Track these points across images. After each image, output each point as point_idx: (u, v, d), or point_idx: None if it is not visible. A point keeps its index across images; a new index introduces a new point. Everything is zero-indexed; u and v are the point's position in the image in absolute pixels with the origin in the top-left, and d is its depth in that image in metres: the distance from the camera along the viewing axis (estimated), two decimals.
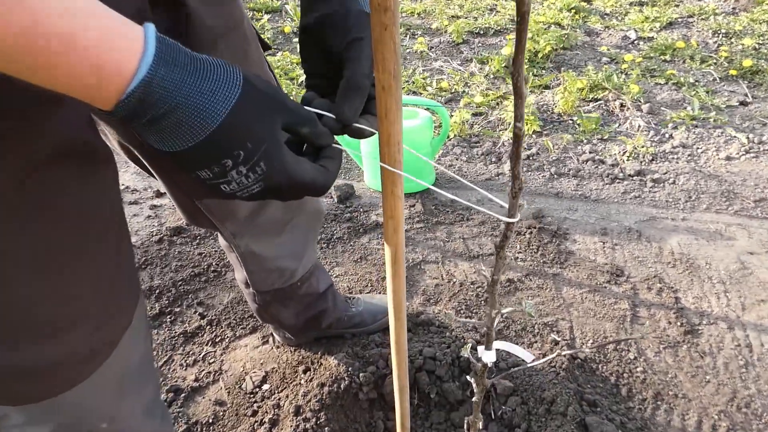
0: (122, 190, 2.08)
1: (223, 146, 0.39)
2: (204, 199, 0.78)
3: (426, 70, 2.87)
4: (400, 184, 0.51)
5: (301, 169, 0.44)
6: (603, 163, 2.05)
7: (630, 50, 2.95)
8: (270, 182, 0.43)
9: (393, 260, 0.57)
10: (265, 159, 0.41)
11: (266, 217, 0.86)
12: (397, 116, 0.47)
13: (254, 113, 0.41)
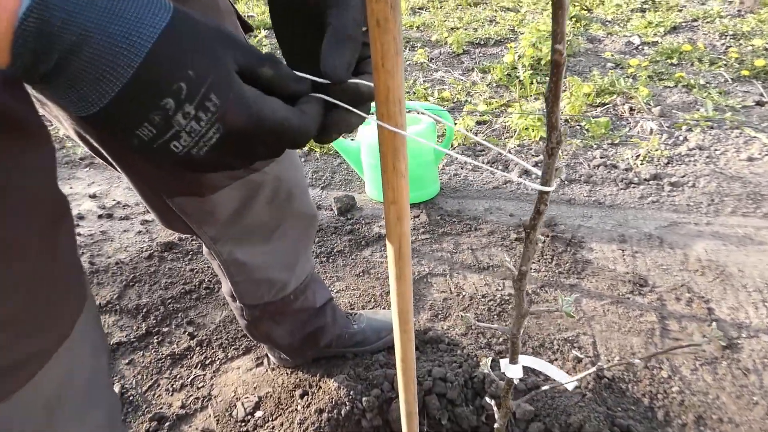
0: (113, 206, 1.99)
1: (158, 80, 0.31)
2: (176, 198, 0.68)
3: (427, 80, 2.80)
4: (403, 156, 0.41)
5: (269, 105, 0.35)
6: (615, 167, 1.95)
7: (635, 55, 2.88)
8: (230, 122, 0.33)
9: (397, 257, 0.46)
10: (216, 90, 0.32)
11: (251, 221, 0.76)
12: (397, 64, 0.37)
13: (193, 42, 0.32)
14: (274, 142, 0.36)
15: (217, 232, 0.75)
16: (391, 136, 0.40)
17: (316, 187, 1.97)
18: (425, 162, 1.71)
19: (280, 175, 0.75)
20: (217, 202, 0.70)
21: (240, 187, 0.71)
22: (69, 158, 2.37)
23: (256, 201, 0.74)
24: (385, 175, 0.42)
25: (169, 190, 0.68)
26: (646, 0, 3.58)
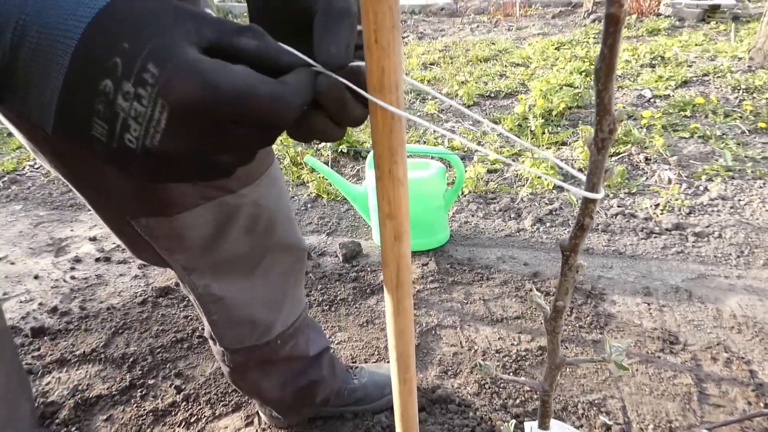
0: (112, 249, 1.93)
1: (94, 60, 0.27)
2: (141, 218, 0.61)
3: (437, 131, 2.79)
4: (401, 158, 0.34)
5: (227, 71, 0.28)
6: (634, 217, 1.86)
7: (647, 107, 2.85)
8: (174, 94, 0.27)
9: (395, 284, 0.38)
10: (154, 58, 0.27)
11: (228, 250, 0.68)
12: (393, 39, 0.30)
13: (137, 16, 0.28)
14: (247, 119, 0.29)
15: (190, 261, 0.67)
16: (387, 133, 0.33)
17: (322, 233, 1.90)
18: (434, 207, 1.64)
19: (260, 200, 0.68)
20: (187, 224, 0.63)
21: (213, 209, 0.64)
22: (73, 201, 2.35)
23: (232, 227, 0.66)
24: (380, 183, 0.35)
25: (133, 210, 0.61)
26: (655, 56, 3.61)
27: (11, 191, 2.50)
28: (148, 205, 0.61)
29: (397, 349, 0.41)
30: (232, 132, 0.30)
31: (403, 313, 0.39)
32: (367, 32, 0.30)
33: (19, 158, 2.83)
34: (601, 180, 0.30)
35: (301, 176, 2.31)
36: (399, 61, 0.31)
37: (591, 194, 0.31)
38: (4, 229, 2.15)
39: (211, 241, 0.67)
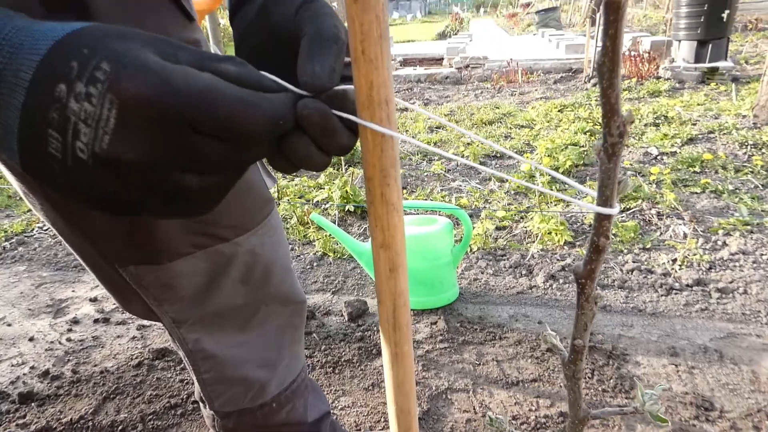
0: (112, 310, 1.88)
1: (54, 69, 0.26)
2: (130, 266, 0.57)
3: (444, 189, 2.79)
4: (394, 180, 0.30)
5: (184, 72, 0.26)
6: (651, 272, 1.79)
7: (654, 164, 2.85)
8: (123, 87, 0.25)
9: (392, 326, 0.33)
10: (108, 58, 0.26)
11: (221, 302, 0.63)
12: (382, 52, 0.27)
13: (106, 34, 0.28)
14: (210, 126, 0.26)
15: (181, 313, 0.62)
16: (378, 154, 0.30)
17: (327, 291, 1.84)
18: (442, 264, 1.59)
19: (256, 249, 0.64)
20: (177, 273, 0.58)
21: (206, 258, 0.60)
22: (78, 262, 2.32)
23: (226, 277, 0.62)
24: (372, 209, 0.31)
25: (122, 257, 0.57)
26: (658, 116, 3.66)
27: (17, 252, 2.49)
28: (138, 252, 0.58)
29: (397, 404, 0.35)
30: (193, 142, 0.27)
31: (403, 361, 0.34)
32: (353, 44, 0.28)
33: (29, 220, 2.86)
34: (615, 193, 0.27)
35: (307, 235, 2.28)
36: (388, 74, 0.29)
37: (605, 210, 0.27)
38: (5, 290, 2.12)
39: (203, 292, 0.63)
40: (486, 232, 2.12)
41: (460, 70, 6.28)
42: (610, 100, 0.25)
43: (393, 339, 0.33)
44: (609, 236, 0.29)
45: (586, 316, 0.32)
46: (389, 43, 0.29)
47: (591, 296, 0.31)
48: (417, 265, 1.55)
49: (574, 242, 2.05)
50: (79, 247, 0.60)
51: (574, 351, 0.33)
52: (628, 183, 0.28)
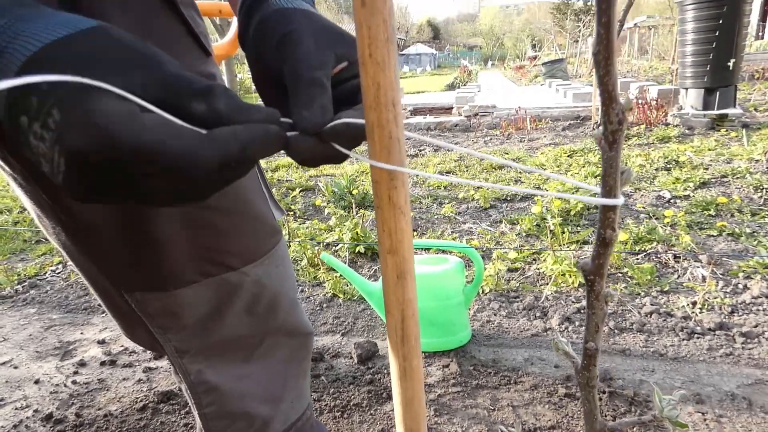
0: (119, 352, 1.85)
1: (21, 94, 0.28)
2: (137, 293, 0.57)
3: (455, 231, 2.78)
4: (402, 184, 0.30)
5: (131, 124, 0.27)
6: (671, 316, 1.73)
7: (668, 207, 2.82)
8: (67, 143, 0.27)
9: (401, 338, 0.32)
10: (60, 105, 0.27)
11: (225, 332, 0.62)
12: (389, 54, 0.28)
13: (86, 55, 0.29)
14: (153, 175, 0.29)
15: (184, 343, 0.60)
16: (385, 155, 0.30)
17: (337, 333, 1.81)
18: (454, 304, 1.56)
19: (263, 279, 0.63)
20: (183, 301, 0.58)
21: (212, 286, 0.59)
22: (88, 304, 2.32)
23: (231, 307, 0.61)
24: (380, 212, 0.31)
25: (129, 283, 0.57)
26: (669, 160, 3.67)
27: (29, 295, 2.50)
28: (145, 278, 0.57)
29: (405, 424, 0.34)
30: (139, 183, 0.29)
31: (411, 376, 0.32)
32: (361, 47, 0.28)
33: (42, 264, 2.89)
34: (618, 181, 0.26)
35: (317, 276, 2.27)
36: (395, 77, 0.29)
37: (609, 201, 0.26)
38: (14, 333, 2.11)
39: (207, 321, 0.62)
40: (498, 274, 2.08)
41: (469, 118, 6.42)
42: (608, 87, 0.25)
43: (401, 352, 0.32)
44: (615, 228, 0.28)
45: (597, 316, 0.30)
46: (396, 47, 0.29)
47: (601, 294, 0.30)
48: (428, 304, 1.52)
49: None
50: (88, 271, 0.60)
51: (587, 356, 0.31)
52: (631, 173, 0.27)
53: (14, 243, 3.27)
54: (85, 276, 0.61)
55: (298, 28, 0.39)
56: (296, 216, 3.24)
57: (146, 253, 0.56)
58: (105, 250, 0.56)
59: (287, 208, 3.34)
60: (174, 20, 0.55)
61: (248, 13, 0.45)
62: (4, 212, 3.87)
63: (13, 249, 3.18)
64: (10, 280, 2.62)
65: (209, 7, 1.29)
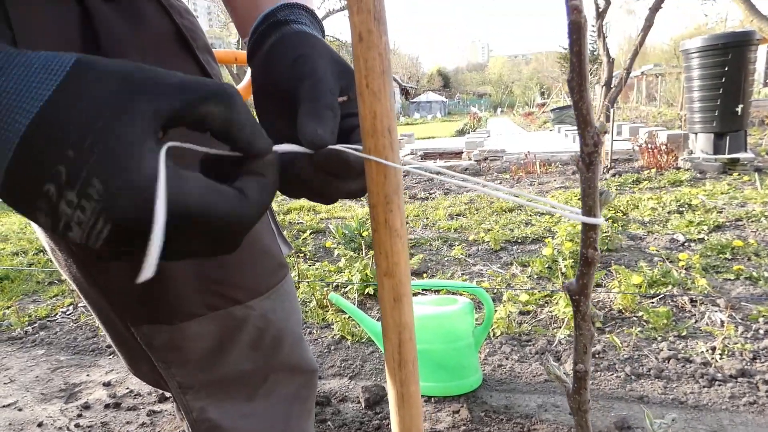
0: (125, 395, 1.82)
1: (37, 163, 0.26)
2: (143, 326, 0.57)
3: (465, 273, 2.76)
4: (397, 207, 0.31)
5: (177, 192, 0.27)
6: (690, 362, 1.67)
7: (682, 251, 2.78)
8: (117, 215, 0.27)
9: (399, 362, 0.31)
10: (99, 173, 0.26)
11: (229, 368, 0.61)
12: (384, 85, 0.29)
13: (83, 107, 0.27)
14: (199, 235, 0.29)
15: (188, 377, 0.60)
16: (381, 181, 0.31)
17: (344, 376, 1.77)
18: (463, 346, 1.53)
19: (268, 314, 0.63)
20: (188, 335, 0.57)
21: (217, 320, 0.59)
22: (96, 345, 2.31)
23: (236, 342, 0.61)
24: (376, 236, 0.31)
25: (135, 315, 0.57)
26: (681, 204, 3.65)
27: (38, 336, 2.50)
28: (151, 311, 0.58)
29: None
30: (183, 244, 0.29)
31: (409, 402, 0.32)
32: (359, 79, 0.30)
33: (53, 305, 2.90)
34: (597, 202, 0.27)
35: (326, 318, 2.24)
36: (390, 105, 0.30)
37: (590, 219, 0.27)
38: (21, 374, 2.10)
39: (212, 356, 0.61)
40: (509, 316, 2.05)
41: (479, 162, 6.49)
42: (582, 111, 0.26)
43: (398, 377, 0.31)
44: (596, 248, 0.28)
45: (585, 336, 0.30)
46: (391, 78, 0.31)
47: (587, 314, 0.30)
48: (437, 347, 1.49)
49: (603, 328, 1.96)
50: (98, 305, 0.61)
51: (577, 379, 0.31)
52: (610, 194, 0.28)
53: (28, 284, 3.31)
54: (94, 309, 0.62)
55: (315, 52, 0.41)
56: (306, 257, 3.24)
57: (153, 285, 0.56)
58: (114, 283, 0.57)
59: (297, 250, 3.35)
60: (190, 64, 0.58)
61: (265, 32, 0.46)
62: (20, 254, 3.94)
63: (26, 290, 3.21)
64: (21, 321, 2.63)
65: (225, 55, 1.36)
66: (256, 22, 0.47)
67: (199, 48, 0.59)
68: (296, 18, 0.46)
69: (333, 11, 13.61)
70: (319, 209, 4.69)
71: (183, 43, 0.56)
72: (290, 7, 0.47)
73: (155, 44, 0.53)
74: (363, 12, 0.29)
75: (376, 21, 0.29)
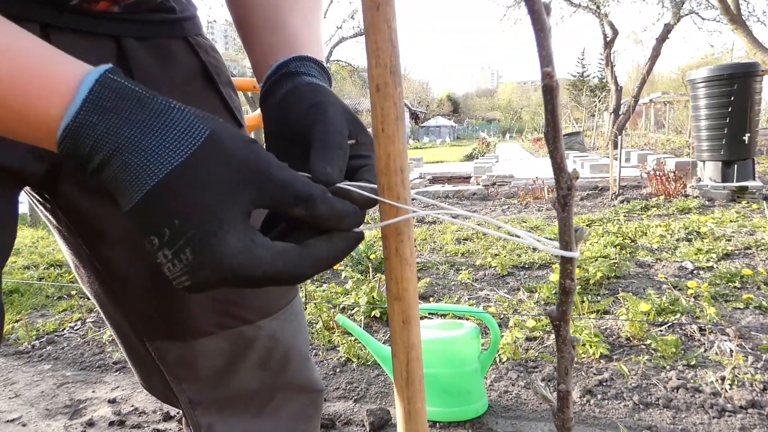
0: (129, 412, 1.83)
1: (151, 217, 0.33)
2: (157, 341, 0.59)
3: (472, 298, 2.75)
4: (407, 237, 0.33)
5: (250, 263, 0.34)
6: (699, 391, 1.65)
7: (690, 278, 2.76)
8: (198, 277, 0.34)
9: (406, 380, 0.33)
10: (192, 246, 0.32)
11: (237, 385, 0.63)
12: (398, 130, 0.32)
13: (204, 181, 0.33)
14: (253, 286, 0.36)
15: (198, 393, 0.61)
16: (393, 214, 0.33)
17: (349, 399, 1.76)
18: (469, 371, 1.52)
19: (277, 333, 0.64)
20: (200, 351, 0.60)
21: (228, 338, 0.61)
22: (103, 362, 2.32)
23: (245, 360, 0.63)
24: (387, 263, 0.33)
25: (151, 331, 0.59)
26: (690, 231, 3.63)
27: (45, 351, 2.52)
28: (166, 327, 0.60)
29: None
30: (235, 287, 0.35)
31: (416, 419, 0.33)
32: (375, 123, 0.33)
33: (62, 320, 2.92)
34: (573, 238, 0.29)
35: (332, 340, 2.25)
36: (403, 147, 0.33)
37: (566, 252, 0.29)
38: (26, 389, 2.11)
39: (222, 373, 0.63)
40: (516, 342, 2.04)
41: (487, 187, 6.52)
42: (557, 160, 0.28)
43: (406, 395, 0.33)
44: (573, 278, 0.31)
45: (566, 359, 0.32)
46: (404, 123, 0.33)
47: (567, 338, 0.32)
48: (442, 371, 1.49)
49: (611, 356, 1.94)
50: (116, 320, 0.63)
51: (560, 398, 0.32)
52: (584, 231, 0.31)
53: (37, 298, 3.34)
54: (112, 324, 0.64)
55: (327, 100, 0.45)
56: (314, 279, 3.26)
57: (170, 304, 0.59)
58: (133, 300, 0.60)
59: None
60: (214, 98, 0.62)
61: (277, 82, 0.50)
62: (31, 268, 3.98)
63: (35, 304, 3.24)
64: (28, 335, 2.65)
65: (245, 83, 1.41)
66: (270, 71, 0.51)
67: (223, 83, 0.63)
68: (307, 70, 0.50)
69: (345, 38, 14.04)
70: None
71: (208, 79, 0.60)
72: (301, 59, 0.51)
73: (183, 80, 0.57)
74: (380, 66, 0.32)
75: (392, 74, 0.32)
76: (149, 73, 0.53)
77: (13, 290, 3.41)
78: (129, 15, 0.53)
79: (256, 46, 0.58)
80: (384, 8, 0.31)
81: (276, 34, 0.55)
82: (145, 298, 0.59)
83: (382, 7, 0.31)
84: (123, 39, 0.53)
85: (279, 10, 0.57)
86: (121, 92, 0.33)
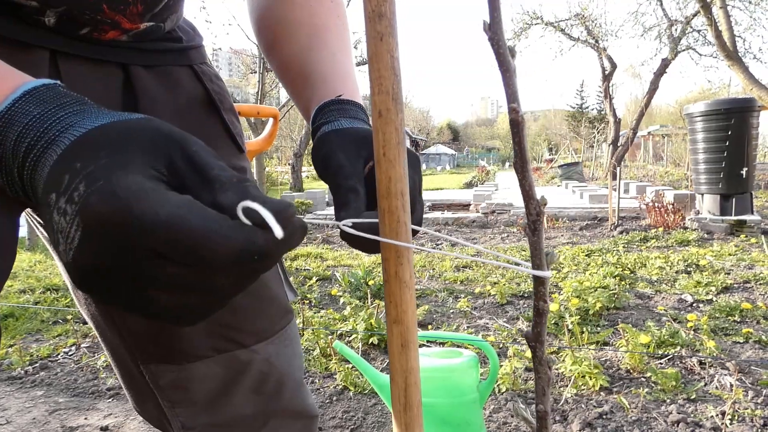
0: None
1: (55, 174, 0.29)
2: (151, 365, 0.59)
3: (470, 326, 2.74)
4: (407, 261, 0.34)
5: (153, 198, 0.27)
6: (700, 426, 1.63)
7: (690, 311, 2.75)
8: (87, 214, 0.26)
9: (404, 405, 0.34)
10: (87, 178, 0.27)
11: (231, 411, 0.63)
12: (399, 154, 0.34)
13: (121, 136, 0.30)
14: (171, 253, 0.27)
15: (191, 419, 0.61)
16: (393, 237, 0.34)
17: (345, 429, 1.73)
18: (468, 402, 1.50)
19: (272, 358, 0.65)
20: (193, 375, 0.60)
21: (223, 362, 0.61)
22: (96, 388, 2.29)
23: (239, 385, 0.63)
24: (387, 286, 0.34)
25: (145, 354, 0.59)
26: (689, 264, 3.63)
27: (38, 377, 2.49)
28: (161, 350, 0.60)
29: None
30: (156, 265, 0.27)
31: None
32: (377, 148, 0.34)
33: (56, 345, 2.89)
34: (544, 260, 0.31)
35: (329, 367, 2.22)
36: (404, 172, 0.34)
37: (538, 272, 0.31)
38: (18, 415, 2.08)
39: (216, 398, 0.63)
40: (515, 372, 2.02)
41: (486, 215, 6.54)
42: (525, 188, 0.31)
43: (403, 420, 0.34)
44: (546, 300, 0.32)
45: (542, 379, 0.33)
46: (404, 147, 0.35)
47: (543, 359, 0.33)
48: (440, 401, 1.47)
49: (611, 388, 1.92)
50: (111, 343, 0.63)
51: (539, 418, 0.33)
52: (554, 255, 0.32)
53: (32, 323, 3.31)
54: (107, 346, 0.64)
55: (330, 149, 0.49)
56: (312, 304, 3.24)
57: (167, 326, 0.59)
58: (129, 323, 0.60)
59: (303, 297, 3.36)
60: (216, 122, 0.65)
61: (312, 134, 0.57)
62: (27, 292, 3.96)
63: (29, 329, 3.21)
64: (22, 360, 2.62)
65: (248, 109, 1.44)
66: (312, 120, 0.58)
67: (225, 110, 0.65)
68: (326, 119, 0.55)
69: None
70: (326, 256, 4.72)
71: (211, 106, 0.63)
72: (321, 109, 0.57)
73: (187, 106, 0.60)
74: (383, 93, 0.33)
75: (394, 101, 0.33)
76: (154, 98, 0.56)
77: (8, 314, 3.39)
78: (137, 44, 0.56)
79: (299, 102, 0.64)
80: (387, 39, 0.33)
81: (307, 87, 0.61)
82: (140, 320, 0.60)
83: (386, 38, 0.33)
84: (130, 66, 0.55)
85: (308, 58, 0.62)
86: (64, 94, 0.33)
